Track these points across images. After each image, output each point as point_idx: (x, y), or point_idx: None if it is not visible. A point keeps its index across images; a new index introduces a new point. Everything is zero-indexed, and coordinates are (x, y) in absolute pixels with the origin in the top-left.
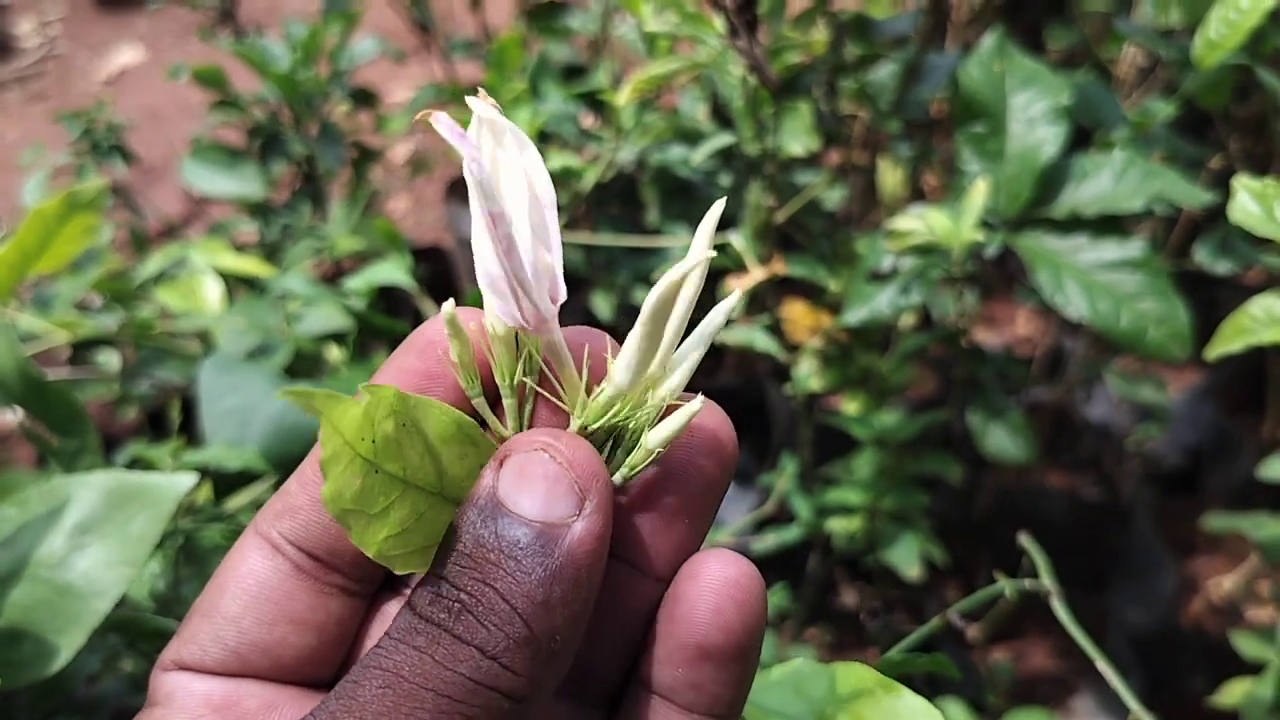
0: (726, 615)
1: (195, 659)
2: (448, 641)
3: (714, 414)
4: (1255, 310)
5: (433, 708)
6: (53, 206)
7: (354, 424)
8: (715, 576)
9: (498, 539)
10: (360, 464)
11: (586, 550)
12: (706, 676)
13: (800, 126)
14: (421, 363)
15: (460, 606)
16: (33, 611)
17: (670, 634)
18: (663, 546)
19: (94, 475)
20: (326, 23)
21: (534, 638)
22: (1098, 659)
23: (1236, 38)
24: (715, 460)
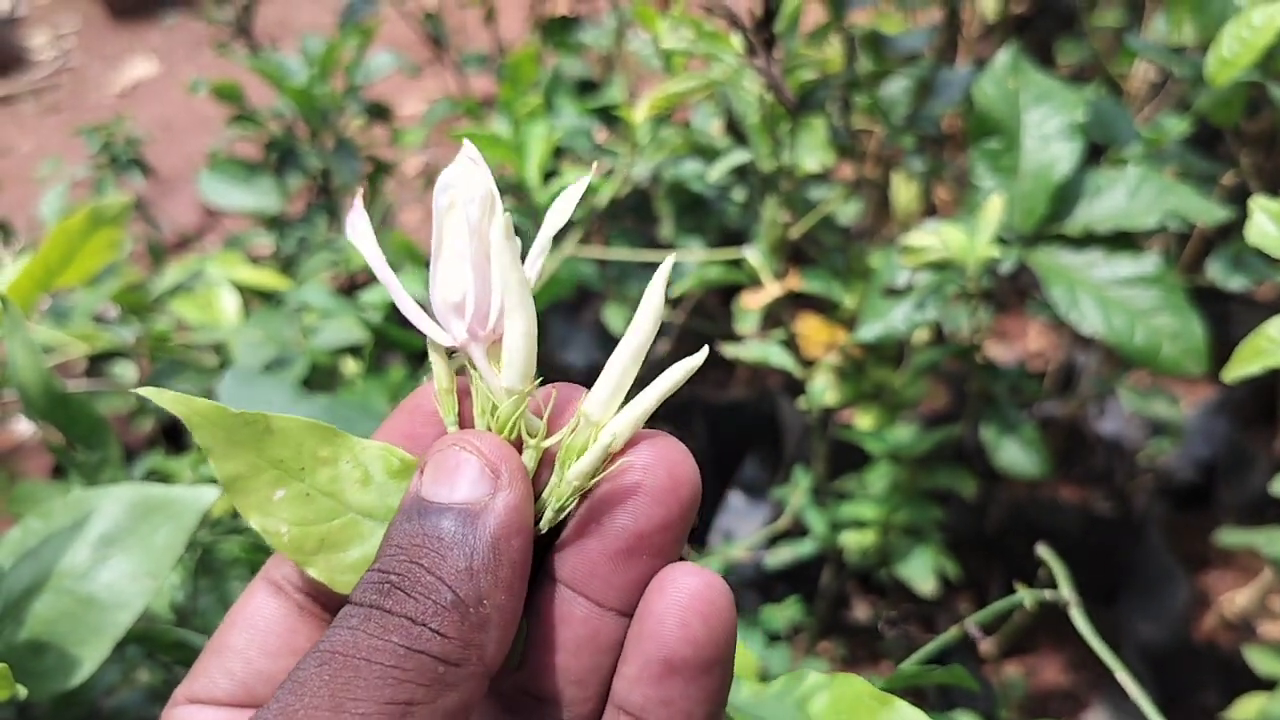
0: (693, 629)
1: (204, 692)
2: (378, 617)
3: (672, 449)
4: (1273, 332)
5: (368, 675)
6: (77, 221)
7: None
8: (681, 590)
9: (422, 528)
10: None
11: (504, 521)
12: (676, 693)
13: (815, 142)
14: (410, 425)
15: (390, 585)
16: (56, 623)
17: (638, 651)
18: (623, 585)
19: (118, 487)
20: (343, 37)
21: (460, 601)
22: (1117, 669)
23: (1250, 55)
24: (671, 499)
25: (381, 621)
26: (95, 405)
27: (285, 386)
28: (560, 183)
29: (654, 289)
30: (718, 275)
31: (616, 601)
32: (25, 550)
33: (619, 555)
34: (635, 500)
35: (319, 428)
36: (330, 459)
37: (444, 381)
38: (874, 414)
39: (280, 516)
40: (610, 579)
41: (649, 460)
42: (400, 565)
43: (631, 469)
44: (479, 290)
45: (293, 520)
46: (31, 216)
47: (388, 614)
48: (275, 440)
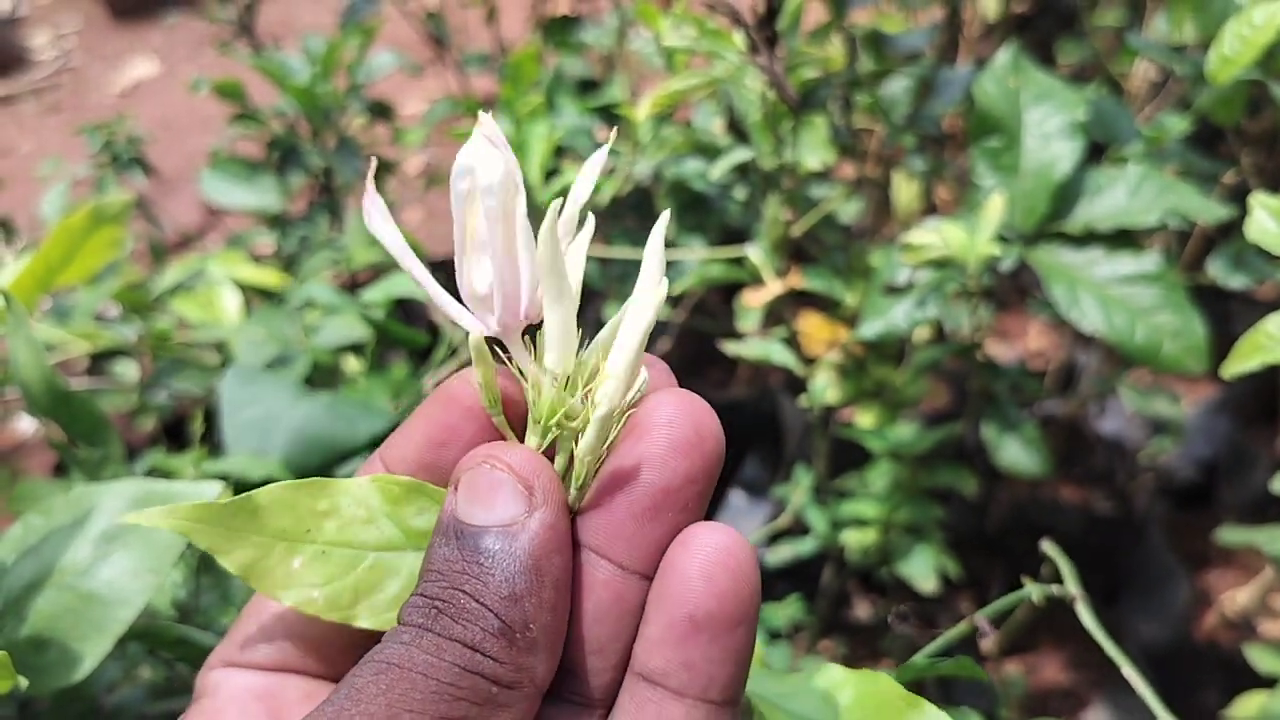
0: (719, 582)
1: (243, 655)
2: (431, 637)
3: (690, 406)
4: (1271, 328)
5: (424, 689)
6: (78, 220)
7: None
8: (706, 544)
9: (461, 552)
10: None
11: (542, 541)
12: (699, 653)
13: (816, 140)
14: (445, 415)
15: (436, 610)
16: (58, 619)
17: (661, 608)
18: (647, 544)
19: (119, 484)
20: (345, 36)
21: (507, 628)
22: (1123, 662)
23: (1250, 53)
24: (696, 453)
25: (435, 641)
26: (97, 403)
27: (287, 384)
28: (562, 181)
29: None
30: (719, 273)
31: (641, 563)
32: (27, 546)
33: (645, 513)
34: (661, 455)
35: (306, 485)
36: (330, 509)
37: (486, 370)
38: (875, 412)
39: (307, 584)
40: (635, 539)
41: (673, 414)
42: (444, 591)
43: (656, 424)
44: (507, 278)
45: (320, 582)
46: (33, 216)
47: (440, 637)
48: (269, 513)
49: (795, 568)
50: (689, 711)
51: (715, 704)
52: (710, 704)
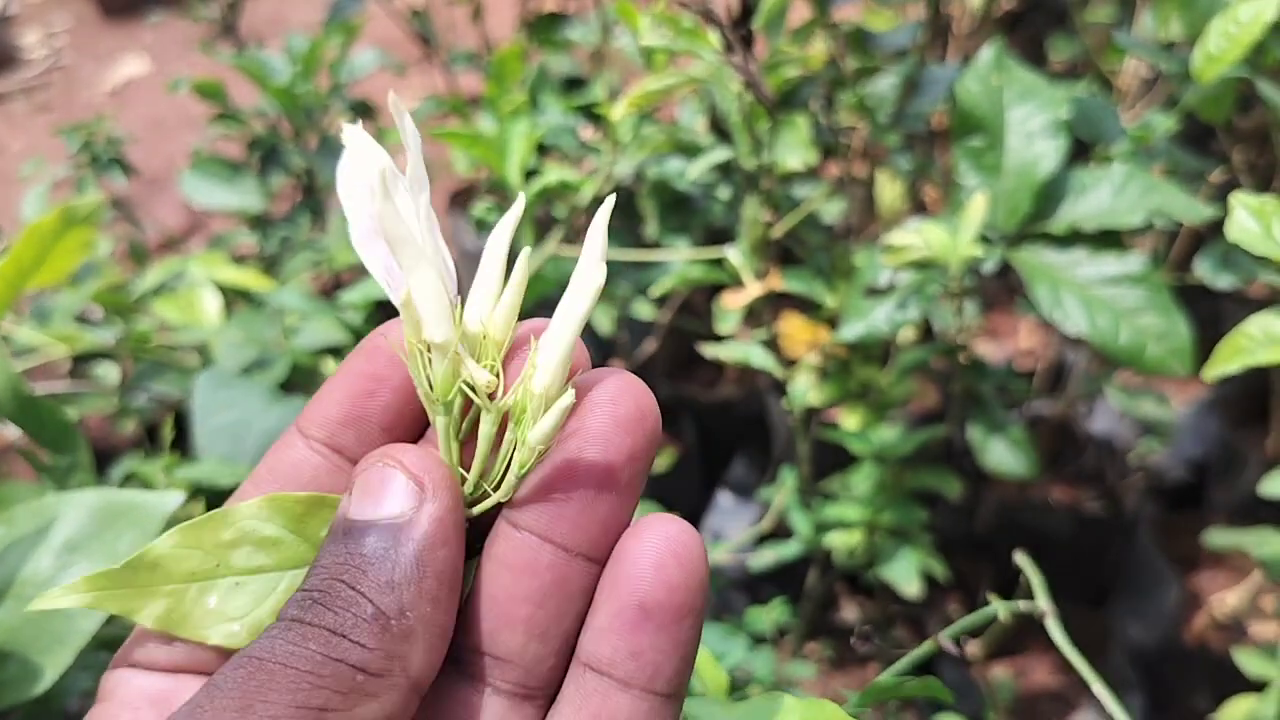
0: (669, 571)
1: (143, 655)
2: (298, 628)
3: (632, 384)
4: (1252, 329)
5: (281, 679)
6: (48, 221)
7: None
8: (657, 534)
9: (347, 548)
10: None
11: (427, 534)
12: (647, 642)
13: (797, 140)
14: (370, 366)
15: (311, 600)
16: (19, 631)
17: (610, 596)
18: (591, 524)
19: (82, 493)
20: (327, 35)
21: (381, 614)
22: (1093, 681)
23: (1236, 51)
24: (639, 430)
25: (301, 631)
26: (64, 409)
27: (260, 389)
28: (542, 181)
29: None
30: (700, 274)
31: (585, 544)
32: None
33: (588, 492)
34: (605, 433)
35: (204, 521)
36: (236, 539)
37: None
38: (860, 413)
39: (226, 618)
40: (578, 519)
41: (614, 393)
42: (322, 583)
43: (597, 403)
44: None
45: (239, 615)
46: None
47: (308, 625)
48: (174, 561)
49: (780, 570)
50: (634, 702)
51: (661, 695)
52: (656, 695)
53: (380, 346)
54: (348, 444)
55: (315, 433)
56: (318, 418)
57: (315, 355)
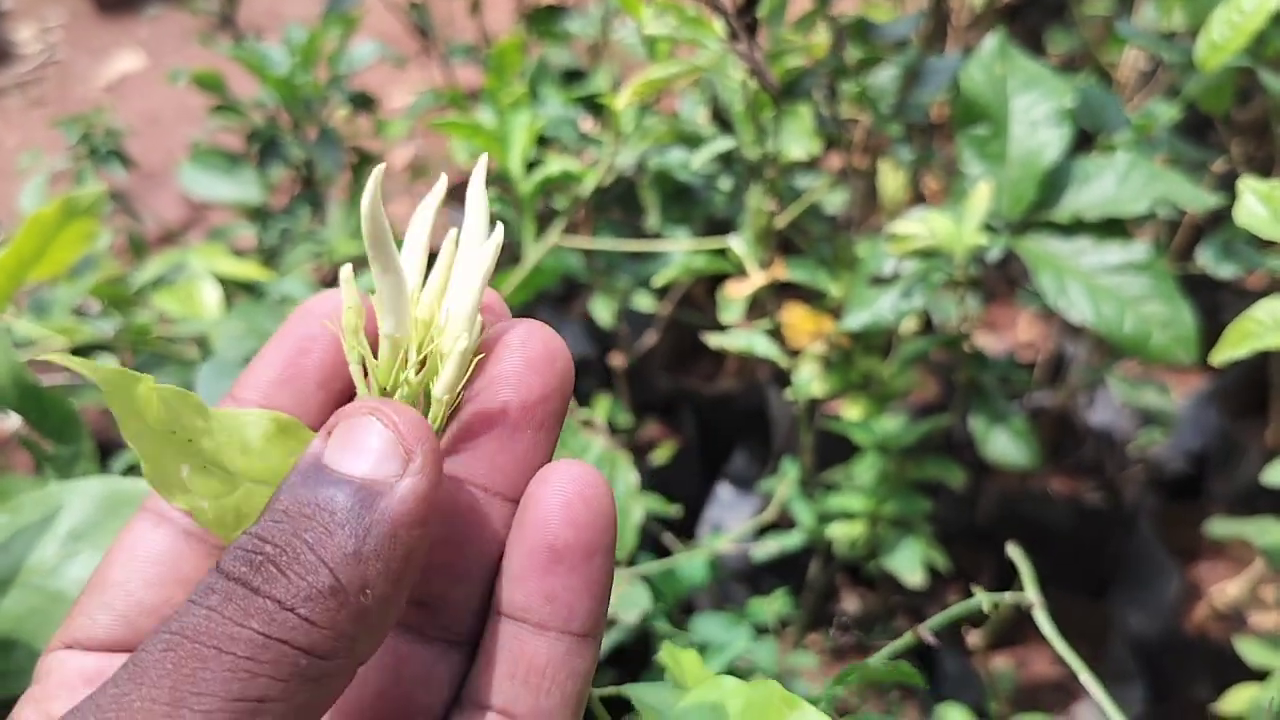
0: (575, 510)
1: (83, 632)
2: (240, 595)
3: (540, 330)
4: (1260, 314)
5: (216, 667)
6: (50, 212)
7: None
8: (563, 476)
9: (316, 496)
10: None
11: (408, 509)
12: (559, 584)
13: (801, 130)
14: (303, 327)
15: (264, 558)
16: (24, 620)
17: (521, 542)
18: (508, 464)
19: (87, 482)
20: (325, 27)
21: (340, 588)
22: (1081, 670)
23: (1239, 40)
24: (549, 370)
25: (243, 603)
26: (69, 399)
27: None
28: (544, 172)
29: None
30: (703, 264)
31: (502, 484)
32: None
33: (503, 431)
34: (517, 373)
35: (186, 397)
36: (206, 428)
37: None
38: (862, 404)
39: (196, 493)
40: (496, 459)
41: (524, 336)
42: (280, 535)
43: (507, 346)
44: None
45: (206, 495)
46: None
47: (253, 593)
48: (162, 407)
49: (782, 561)
50: (552, 645)
51: (577, 636)
52: (572, 636)
53: (313, 309)
54: (284, 403)
55: (249, 395)
56: (251, 381)
57: None
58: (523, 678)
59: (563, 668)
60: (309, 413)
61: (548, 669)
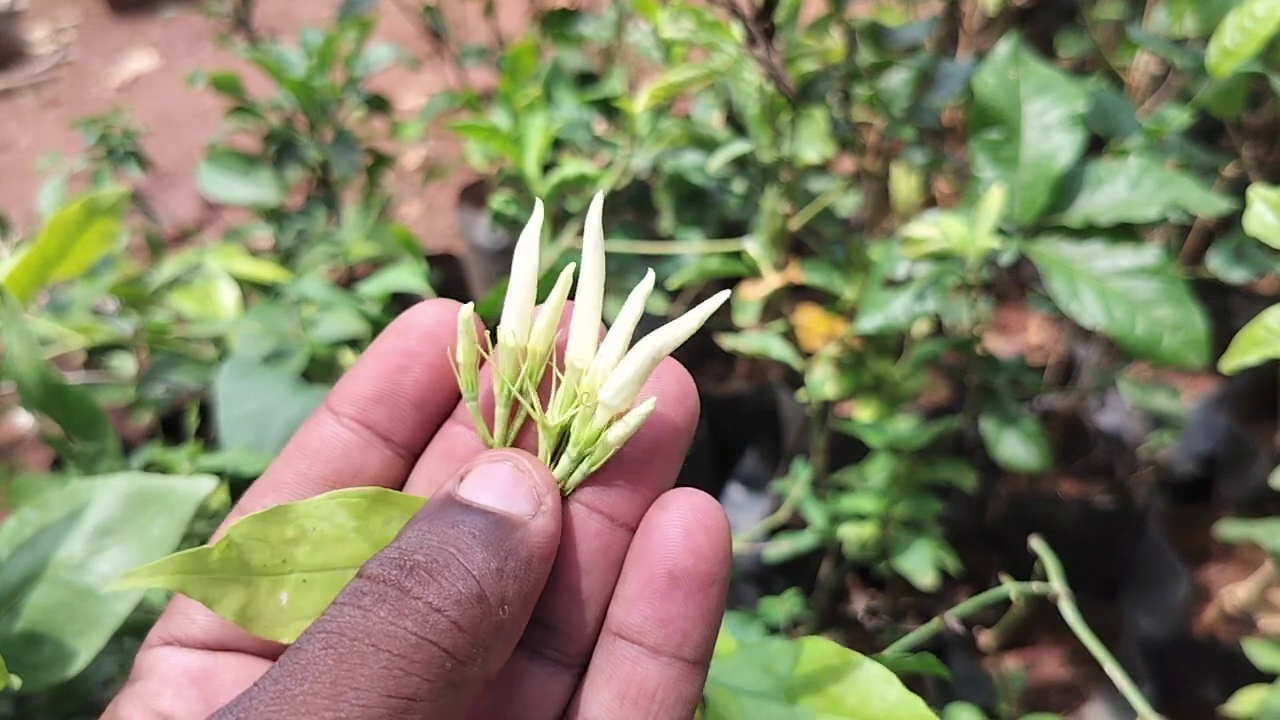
0: (696, 539)
1: (182, 630)
2: (394, 597)
3: (674, 366)
4: (1271, 321)
5: (373, 663)
6: (73, 213)
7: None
8: (684, 505)
9: (456, 520)
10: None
11: (540, 542)
12: (675, 610)
13: (815, 133)
14: (403, 343)
15: (414, 563)
16: (52, 614)
17: (640, 566)
18: (638, 495)
19: (114, 478)
20: (342, 30)
21: (485, 597)
22: (1107, 662)
23: (1252, 45)
24: (681, 406)
25: (397, 604)
26: (92, 396)
27: (283, 378)
28: (560, 174)
29: (592, 226)
30: (717, 267)
31: (627, 515)
32: (21, 541)
33: (637, 464)
34: (654, 415)
35: (269, 515)
36: (298, 535)
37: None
38: (874, 406)
39: (299, 616)
40: (624, 490)
41: (659, 372)
42: (427, 547)
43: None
44: None
45: (311, 612)
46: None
47: (405, 595)
48: (245, 552)
49: (793, 562)
50: (663, 669)
51: (688, 662)
52: (684, 662)
53: (414, 324)
54: (379, 420)
55: (346, 409)
56: (348, 394)
57: (333, 346)
58: (633, 699)
59: (672, 692)
60: (403, 432)
61: (658, 693)
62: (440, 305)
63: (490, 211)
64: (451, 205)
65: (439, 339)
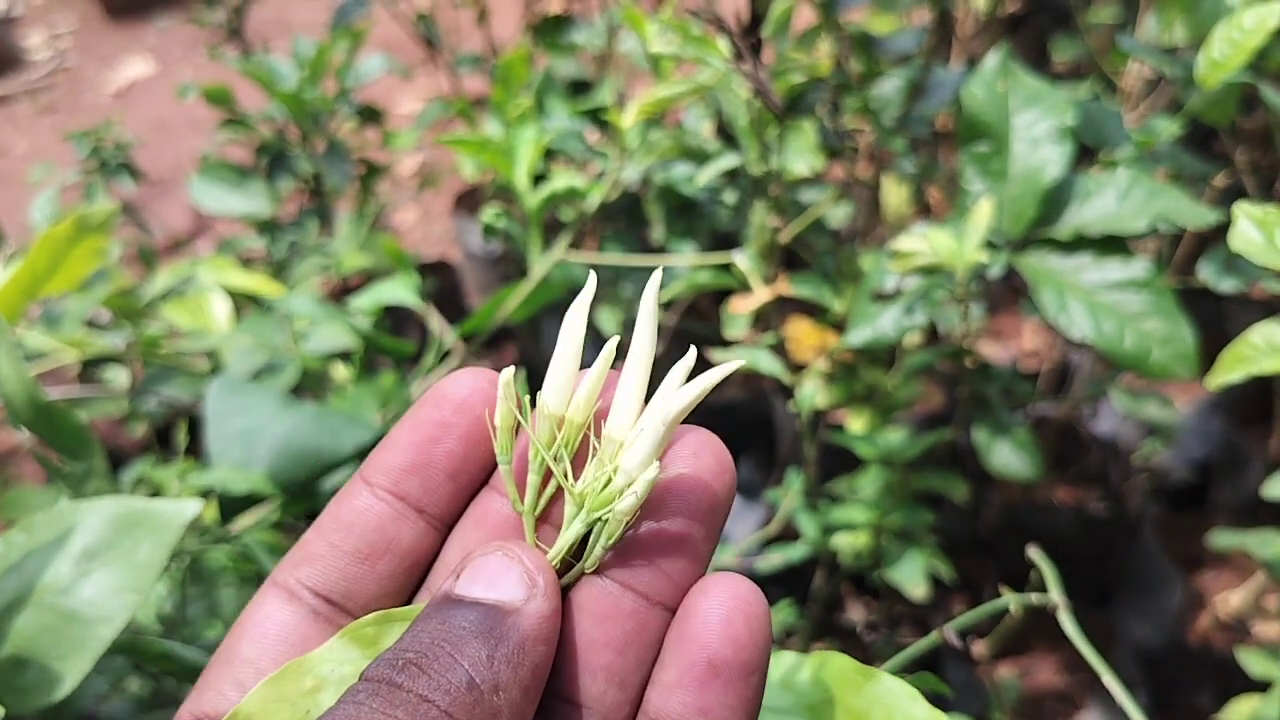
0: (736, 628)
1: (212, 706)
2: (387, 691)
3: (711, 441)
4: (1255, 339)
5: None
6: (63, 229)
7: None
8: (725, 591)
9: (449, 617)
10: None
11: (533, 625)
12: (715, 699)
13: (804, 145)
14: (437, 413)
15: (406, 661)
16: (38, 638)
17: (679, 653)
18: (672, 573)
19: (100, 501)
20: (333, 40)
21: (476, 685)
22: (1104, 672)
23: (1240, 57)
24: (719, 482)
25: (390, 697)
26: (79, 415)
27: (272, 395)
28: (550, 187)
29: (647, 301)
30: (708, 280)
31: (664, 594)
32: (8, 565)
33: (673, 541)
34: (688, 487)
35: (283, 674)
36: (317, 683)
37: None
38: (866, 416)
39: None
40: (663, 567)
41: (695, 448)
42: (421, 644)
43: (679, 457)
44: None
45: None
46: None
47: (398, 689)
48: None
49: (787, 572)
50: None
51: None
52: None
53: (448, 394)
54: (412, 491)
55: (380, 480)
56: (383, 465)
57: (324, 360)
58: None
59: None
60: (437, 503)
61: None
62: (475, 375)
63: (480, 224)
64: (448, 211)
65: (473, 409)
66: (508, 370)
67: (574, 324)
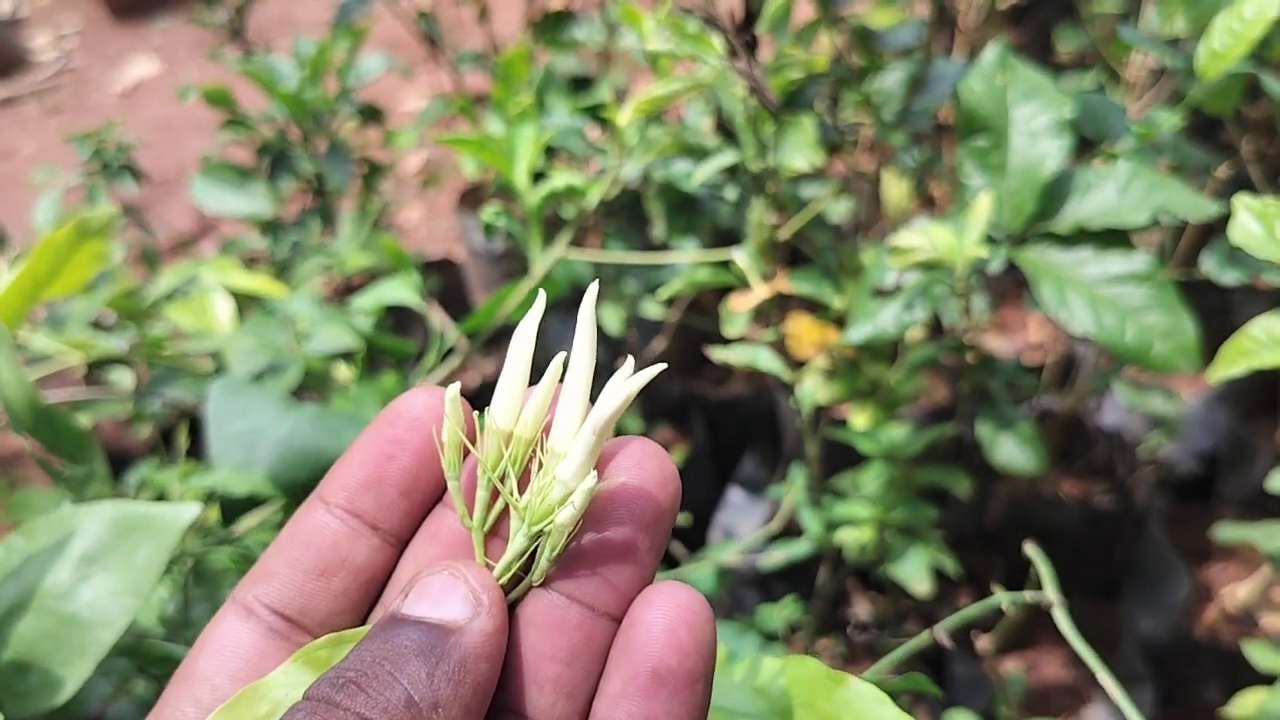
0: (680, 637)
1: None
2: (325, 710)
3: (654, 450)
4: (1256, 332)
5: None
6: (63, 234)
7: None
8: (668, 601)
9: (392, 637)
10: None
11: (476, 644)
12: (661, 708)
13: (803, 141)
14: (391, 430)
15: (346, 680)
16: (39, 643)
17: (624, 663)
18: (618, 583)
19: (100, 505)
20: (334, 39)
21: (414, 703)
22: (1100, 671)
23: (1241, 48)
24: (662, 492)
25: (327, 715)
26: (79, 420)
27: (273, 397)
28: (549, 186)
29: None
30: (708, 277)
31: (612, 605)
32: (8, 570)
33: (617, 552)
34: (631, 497)
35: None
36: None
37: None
38: (869, 411)
39: None
40: (608, 578)
41: (638, 458)
42: (363, 663)
43: (621, 468)
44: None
45: None
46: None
47: (335, 707)
48: None
49: (792, 568)
50: None
51: None
52: None
53: (402, 412)
54: (367, 508)
55: (335, 497)
56: (339, 482)
57: (327, 360)
58: None
59: None
60: (391, 519)
61: None
62: (429, 392)
63: (481, 222)
64: (452, 208)
65: (426, 426)
66: (454, 386)
67: (523, 340)
